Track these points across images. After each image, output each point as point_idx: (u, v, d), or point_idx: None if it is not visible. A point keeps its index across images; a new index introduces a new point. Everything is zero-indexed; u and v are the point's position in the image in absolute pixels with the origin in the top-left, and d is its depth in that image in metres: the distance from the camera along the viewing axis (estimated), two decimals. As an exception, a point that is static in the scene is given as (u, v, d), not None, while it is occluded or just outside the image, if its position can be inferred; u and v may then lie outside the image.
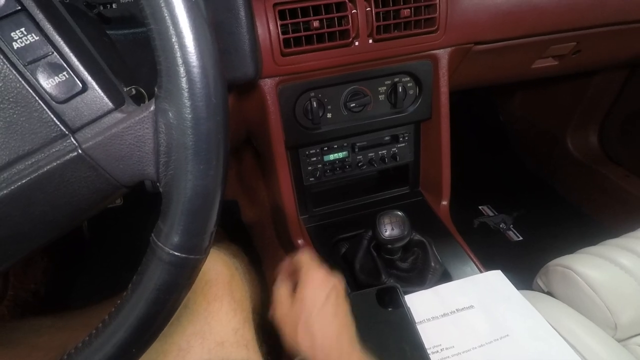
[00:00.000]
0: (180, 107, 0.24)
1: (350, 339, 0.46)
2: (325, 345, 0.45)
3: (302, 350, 0.46)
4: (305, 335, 0.46)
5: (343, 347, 0.46)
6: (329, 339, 0.46)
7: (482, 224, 1.23)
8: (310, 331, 0.46)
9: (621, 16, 0.74)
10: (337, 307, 0.48)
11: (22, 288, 0.89)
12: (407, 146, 0.80)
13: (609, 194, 1.15)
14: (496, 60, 0.78)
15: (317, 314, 0.47)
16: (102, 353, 0.28)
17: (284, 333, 0.49)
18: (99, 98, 0.26)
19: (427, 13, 0.64)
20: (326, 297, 0.48)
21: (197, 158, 0.25)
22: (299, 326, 0.47)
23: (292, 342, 0.48)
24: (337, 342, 0.46)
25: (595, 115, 1.21)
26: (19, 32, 0.23)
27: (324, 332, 0.46)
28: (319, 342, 0.45)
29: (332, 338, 0.46)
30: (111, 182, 0.26)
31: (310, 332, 0.46)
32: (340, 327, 0.47)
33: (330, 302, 0.48)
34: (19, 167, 0.25)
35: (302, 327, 0.46)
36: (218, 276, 0.52)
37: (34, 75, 0.24)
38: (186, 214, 0.26)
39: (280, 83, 0.64)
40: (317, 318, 0.46)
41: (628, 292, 0.57)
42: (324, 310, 0.47)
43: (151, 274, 0.27)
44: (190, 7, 0.23)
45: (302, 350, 0.46)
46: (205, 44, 0.24)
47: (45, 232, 0.27)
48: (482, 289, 0.60)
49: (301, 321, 0.47)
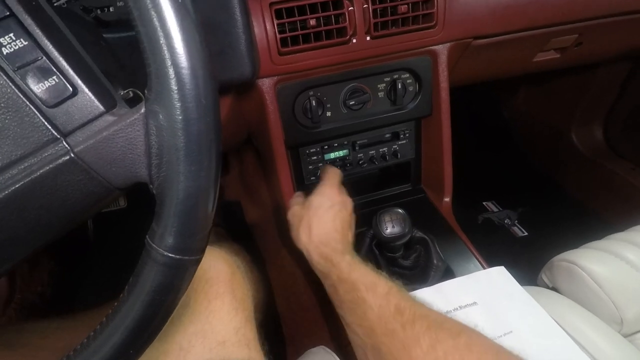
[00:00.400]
0: (170, 109, 0.24)
1: (342, 239, 0.53)
2: (318, 238, 0.53)
3: (302, 242, 0.55)
4: (304, 229, 0.55)
5: (332, 241, 0.53)
6: (322, 234, 0.53)
7: (486, 220, 1.23)
8: (309, 226, 0.54)
9: (623, 7, 0.73)
10: (338, 215, 0.56)
11: (29, 290, 0.90)
12: (408, 143, 0.80)
13: (614, 188, 1.13)
14: (496, 55, 0.77)
15: (319, 215, 0.55)
16: (100, 355, 0.28)
17: (291, 229, 0.59)
18: (89, 101, 0.26)
19: (425, 8, 0.63)
20: (331, 205, 0.56)
21: (188, 159, 0.25)
22: (302, 222, 0.56)
23: (295, 237, 0.57)
24: (327, 237, 0.53)
25: (599, 109, 1.20)
26: (8, 37, 0.24)
27: (319, 229, 0.54)
28: (314, 236, 0.54)
29: (324, 234, 0.53)
30: (104, 185, 0.27)
31: (309, 227, 0.54)
32: (335, 230, 0.54)
33: (333, 210, 0.56)
34: (11, 172, 0.25)
35: (304, 223, 0.55)
36: (219, 274, 0.52)
37: (24, 80, 0.24)
38: (179, 216, 0.26)
39: (279, 82, 0.64)
40: (317, 218, 0.55)
41: (634, 287, 0.56)
42: (325, 214, 0.55)
43: (146, 276, 0.27)
44: (177, 9, 0.23)
45: (302, 242, 0.55)
46: (194, 45, 0.24)
47: (40, 236, 0.27)
48: (485, 285, 0.60)
49: (305, 218, 0.56)
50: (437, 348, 0.37)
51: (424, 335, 0.38)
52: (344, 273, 0.48)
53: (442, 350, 0.36)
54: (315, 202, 0.57)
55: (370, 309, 0.43)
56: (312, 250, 0.53)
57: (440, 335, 0.38)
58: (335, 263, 0.49)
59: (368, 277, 0.46)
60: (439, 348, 0.37)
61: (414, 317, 0.40)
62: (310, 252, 0.53)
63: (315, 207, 0.56)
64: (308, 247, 0.54)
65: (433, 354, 0.37)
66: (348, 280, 0.47)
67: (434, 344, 0.37)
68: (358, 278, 0.47)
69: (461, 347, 0.37)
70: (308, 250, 0.54)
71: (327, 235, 0.53)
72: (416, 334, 0.39)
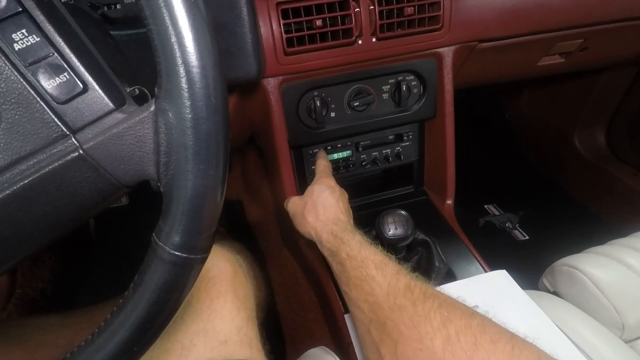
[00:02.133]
0: (180, 107, 0.24)
1: (350, 223, 0.54)
2: (326, 217, 0.55)
3: (309, 223, 0.56)
4: (310, 211, 0.57)
5: (341, 221, 0.54)
6: (330, 214, 0.55)
7: (487, 223, 1.23)
8: (315, 208, 0.57)
9: (628, 12, 0.73)
10: (341, 199, 0.58)
11: (30, 287, 0.90)
12: (411, 145, 0.80)
13: (616, 192, 1.13)
14: (501, 58, 0.77)
15: (324, 197, 0.57)
16: (104, 352, 0.28)
17: (294, 217, 0.60)
18: (99, 98, 0.26)
19: (431, 11, 0.63)
20: (332, 190, 0.58)
21: (197, 158, 0.25)
22: (306, 206, 0.58)
23: (300, 222, 0.59)
24: (335, 217, 0.54)
25: (602, 113, 1.20)
26: (20, 33, 0.24)
27: (326, 209, 0.56)
28: (321, 215, 0.55)
29: (332, 214, 0.55)
30: (112, 182, 0.27)
31: (315, 209, 0.56)
32: (341, 211, 0.56)
33: (335, 194, 0.58)
34: (20, 167, 0.25)
35: (309, 206, 0.57)
36: (221, 273, 0.52)
37: (35, 76, 0.24)
38: (186, 214, 0.26)
39: (284, 82, 0.64)
40: (321, 200, 0.57)
41: (635, 292, 0.56)
42: (329, 197, 0.57)
43: (152, 274, 0.27)
44: (189, 7, 0.23)
45: (309, 223, 0.56)
46: (205, 44, 0.24)
47: (47, 232, 0.27)
48: (487, 288, 0.59)
49: (309, 203, 0.58)
50: (449, 326, 0.35)
51: (435, 313, 0.37)
52: (354, 250, 0.48)
53: (454, 328, 0.35)
54: (317, 188, 0.59)
55: (379, 286, 0.42)
56: (321, 228, 0.54)
57: (452, 314, 0.36)
58: (346, 241, 0.50)
59: (378, 257, 0.46)
60: (450, 326, 0.35)
61: (425, 296, 0.39)
62: (319, 230, 0.54)
63: (317, 192, 0.59)
64: (316, 225, 0.55)
65: (444, 331, 0.35)
66: (357, 258, 0.47)
67: (445, 322, 0.36)
68: (368, 256, 0.46)
69: (474, 327, 0.35)
70: (316, 229, 0.54)
71: (334, 215, 0.55)
72: (427, 311, 0.37)
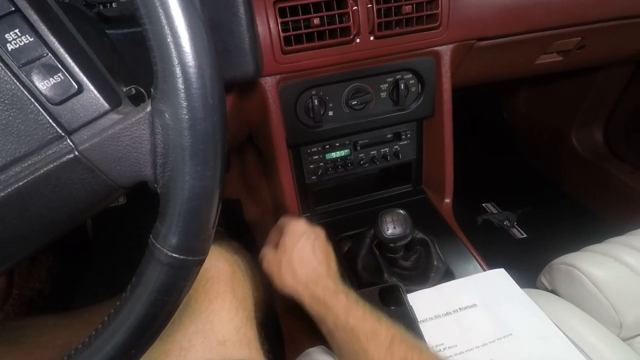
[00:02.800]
0: (177, 108, 0.24)
1: (329, 273, 0.51)
2: (305, 276, 0.51)
3: (288, 286, 0.51)
4: (287, 271, 0.52)
5: (321, 278, 0.50)
6: (308, 271, 0.51)
7: (485, 222, 1.23)
8: (291, 266, 0.52)
9: (626, 11, 0.73)
10: (316, 244, 0.54)
11: (27, 287, 0.89)
12: (410, 144, 0.80)
13: (614, 191, 1.13)
14: (499, 56, 0.77)
15: (297, 251, 0.52)
16: (102, 354, 0.28)
17: (273, 278, 0.54)
18: (94, 99, 0.25)
19: (429, 9, 0.63)
20: (306, 237, 0.54)
21: (194, 159, 0.25)
22: (282, 265, 0.53)
23: (279, 284, 0.53)
24: (315, 274, 0.51)
25: (600, 111, 1.20)
26: (13, 33, 0.23)
27: (302, 265, 0.51)
28: (300, 275, 0.51)
29: (310, 270, 0.51)
30: (108, 183, 0.26)
31: (291, 268, 0.52)
32: (318, 262, 0.52)
33: (309, 242, 0.53)
34: (15, 169, 0.24)
35: (285, 265, 0.52)
36: (220, 273, 0.52)
37: (29, 77, 0.24)
38: (184, 215, 0.26)
39: (281, 81, 0.64)
40: (296, 255, 0.52)
41: (633, 291, 0.56)
42: (303, 248, 0.53)
43: (149, 276, 0.27)
44: (185, 7, 0.23)
45: (288, 286, 0.51)
46: (202, 44, 0.24)
47: (43, 234, 0.27)
48: (485, 287, 0.60)
49: (283, 261, 0.53)
50: None
51: None
52: (340, 319, 0.45)
53: None
54: (288, 240, 0.54)
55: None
56: (303, 291, 0.50)
57: None
58: (330, 306, 0.47)
59: (367, 324, 0.43)
60: None
61: None
62: (300, 293, 0.50)
63: (290, 245, 0.53)
64: (297, 288, 0.51)
65: None
66: (346, 328, 0.44)
67: None
68: (357, 325, 0.44)
69: None
70: (297, 292, 0.50)
71: (313, 271, 0.51)
72: None
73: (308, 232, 0.55)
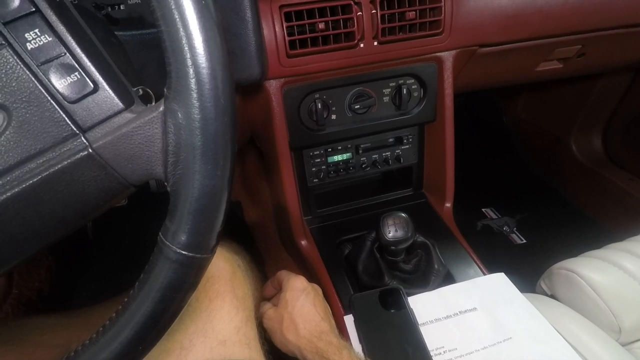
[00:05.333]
0: (189, 108, 0.24)
1: (331, 328, 0.51)
2: (308, 332, 0.50)
3: (290, 341, 0.51)
4: (289, 327, 0.52)
5: (324, 334, 0.49)
6: (311, 327, 0.51)
7: (485, 227, 1.23)
8: (294, 322, 0.52)
9: (627, 19, 0.74)
10: (316, 300, 0.54)
11: (26, 287, 0.89)
12: (411, 148, 0.80)
13: (612, 197, 1.14)
14: (501, 63, 0.78)
15: (299, 306, 0.53)
16: (109, 350, 0.28)
17: (274, 334, 0.54)
18: (109, 98, 0.26)
19: (432, 15, 0.64)
20: (306, 293, 0.54)
21: (205, 158, 0.25)
22: (284, 321, 0.52)
23: (281, 341, 0.53)
24: (317, 329, 0.50)
25: (599, 118, 1.21)
26: (33, 33, 0.24)
27: (305, 321, 0.51)
28: (302, 331, 0.51)
29: (313, 326, 0.51)
30: (120, 181, 0.27)
31: (294, 323, 0.51)
32: (321, 318, 0.52)
33: (310, 298, 0.54)
34: (30, 165, 0.25)
35: (287, 321, 0.52)
36: (220, 273, 0.52)
37: (47, 76, 0.24)
38: (194, 213, 0.26)
39: (286, 84, 0.65)
40: (297, 310, 0.52)
41: (632, 296, 0.57)
42: (304, 303, 0.53)
43: (158, 273, 0.27)
44: (200, 10, 0.24)
45: (290, 341, 0.51)
46: (215, 46, 0.24)
47: (54, 230, 0.27)
48: (486, 291, 0.60)
49: (285, 317, 0.53)
50: None
51: None
52: None
53: None
54: (289, 297, 0.54)
55: None
56: (305, 347, 0.49)
57: None
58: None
59: None
60: None
61: None
62: (303, 349, 0.50)
63: (291, 301, 0.54)
64: (299, 344, 0.50)
65: None
66: None
67: None
68: None
69: None
70: (300, 348, 0.50)
71: (316, 326, 0.51)
72: None
73: (308, 289, 0.55)
